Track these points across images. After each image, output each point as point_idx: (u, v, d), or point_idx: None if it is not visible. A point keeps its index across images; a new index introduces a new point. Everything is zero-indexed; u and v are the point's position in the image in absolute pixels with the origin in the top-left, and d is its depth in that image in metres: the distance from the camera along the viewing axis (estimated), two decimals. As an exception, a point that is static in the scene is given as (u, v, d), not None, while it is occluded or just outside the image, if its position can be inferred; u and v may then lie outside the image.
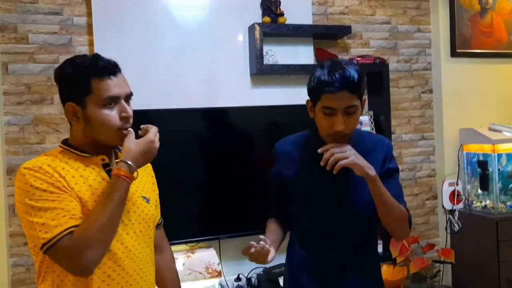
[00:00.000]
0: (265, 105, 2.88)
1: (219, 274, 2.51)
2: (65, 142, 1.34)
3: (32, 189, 1.18)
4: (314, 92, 1.48)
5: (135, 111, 2.61)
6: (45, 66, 2.62)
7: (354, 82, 1.43)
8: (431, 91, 3.45)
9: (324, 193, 1.57)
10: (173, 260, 1.63)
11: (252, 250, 1.38)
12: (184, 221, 2.74)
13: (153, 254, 1.42)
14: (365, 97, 1.52)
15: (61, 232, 1.15)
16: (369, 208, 1.53)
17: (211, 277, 2.49)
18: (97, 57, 1.28)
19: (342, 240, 1.59)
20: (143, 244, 1.35)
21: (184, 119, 2.72)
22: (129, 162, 1.24)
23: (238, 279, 2.82)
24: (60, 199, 1.18)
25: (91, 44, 2.66)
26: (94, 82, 1.24)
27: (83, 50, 2.67)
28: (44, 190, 1.18)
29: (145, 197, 1.40)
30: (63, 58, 2.58)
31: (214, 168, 2.77)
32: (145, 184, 1.44)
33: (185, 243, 2.72)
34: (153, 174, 1.54)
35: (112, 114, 1.26)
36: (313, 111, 1.53)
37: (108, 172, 1.30)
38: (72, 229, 1.16)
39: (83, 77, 1.24)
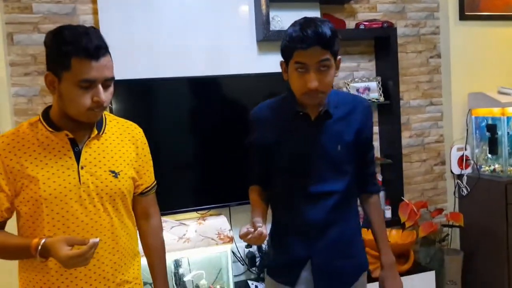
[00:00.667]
0: (272, 72, 2.86)
1: (231, 240, 2.54)
2: (46, 110, 1.38)
3: None
4: (287, 50, 1.47)
5: (140, 80, 2.62)
6: (50, 36, 2.59)
7: (326, 37, 1.41)
8: (439, 56, 3.41)
9: (308, 150, 1.59)
10: (160, 227, 1.63)
11: (250, 236, 1.38)
12: (194, 189, 2.76)
13: (122, 224, 1.44)
14: (340, 57, 1.52)
15: None
16: (348, 159, 1.61)
17: (223, 243, 2.51)
18: (85, 34, 1.25)
19: (325, 196, 1.60)
20: (104, 216, 1.38)
21: (190, 88, 2.71)
22: (39, 248, 1.24)
23: (248, 245, 2.85)
24: None
25: (95, 12, 2.63)
26: (74, 61, 1.22)
27: (87, 19, 2.64)
28: None
29: (113, 171, 1.40)
30: (68, 28, 2.61)
31: (222, 136, 2.76)
32: (121, 157, 1.44)
33: (196, 210, 2.75)
34: (139, 138, 1.53)
35: (84, 96, 1.26)
36: (287, 72, 1.52)
37: (72, 145, 1.35)
38: None
39: (64, 53, 1.22)
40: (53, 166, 1.32)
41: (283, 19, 2.89)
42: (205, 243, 2.49)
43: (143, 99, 2.65)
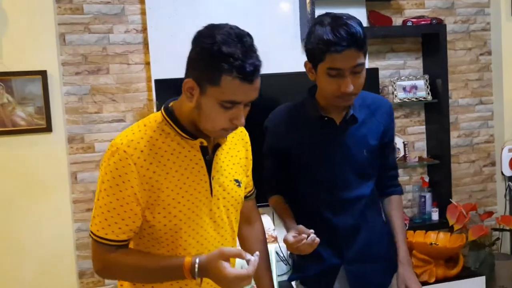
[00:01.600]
0: (317, 70, 2.83)
1: (275, 239, 2.53)
2: (169, 111, 1.19)
3: (109, 176, 1.12)
4: (317, 53, 1.37)
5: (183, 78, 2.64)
6: (99, 36, 2.66)
7: (360, 38, 1.33)
8: (490, 53, 3.28)
9: (333, 157, 1.52)
10: (262, 232, 1.53)
11: (303, 242, 1.35)
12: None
13: (232, 232, 1.32)
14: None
15: (102, 238, 1.14)
16: (373, 163, 1.57)
17: (268, 242, 2.50)
18: (244, 50, 1.07)
19: (352, 202, 1.55)
20: (228, 230, 1.28)
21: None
22: (196, 270, 1.10)
23: (292, 245, 2.83)
24: (123, 202, 1.12)
25: (143, 13, 2.67)
26: (225, 79, 1.06)
27: (136, 19, 2.69)
28: (117, 185, 1.11)
29: (237, 180, 1.29)
30: (116, 28, 2.67)
31: (264, 135, 2.75)
32: (239, 162, 1.32)
33: (240, 209, 2.75)
34: (247, 140, 1.41)
35: (223, 115, 1.11)
36: (314, 73, 1.43)
37: (204, 153, 1.20)
38: (112, 243, 1.14)
39: (216, 67, 1.06)
40: (188, 177, 1.17)
41: (329, 17, 2.85)
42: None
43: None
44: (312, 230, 1.37)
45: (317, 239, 1.36)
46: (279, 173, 1.66)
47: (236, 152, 1.33)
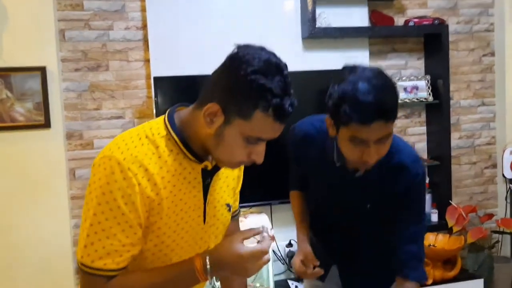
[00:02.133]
0: (317, 69, 2.81)
1: (272, 238, 2.52)
2: (174, 123, 1.04)
3: (108, 196, 0.96)
4: (341, 115, 1.20)
5: (186, 77, 2.63)
6: (100, 33, 2.66)
7: (391, 109, 1.18)
8: (493, 54, 3.25)
9: (337, 200, 1.50)
10: None
11: (308, 273, 1.38)
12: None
13: None
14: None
15: (99, 269, 0.97)
16: (380, 217, 1.44)
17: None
18: (287, 86, 0.96)
19: (355, 232, 1.54)
20: None
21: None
22: (209, 267, 0.99)
23: (289, 244, 2.83)
24: (125, 226, 0.97)
25: (143, 10, 2.67)
26: (259, 114, 0.95)
27: (136, 16, 2.69)
28: (119, 207, 0.96)
29: (228, 205, 1.20)
30: (116, 25, 2.67)
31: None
32: (230, 184, 1.21)
33: (238, 208, 2.75)
34: (241, 175, 1.30)
35: (245, 150, 1.00)
36: (335, 131, 1.27)
37: (204, 177, 1.08)
38: (111, 273, 0.98)
39: (252, 100, 0.94)
40: (186, 202, 1.05)
41: (330, 16, 2.84)
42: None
43: (189, 96, 2.66)
44: (317, 262, 1.44)
45: (321, 272, 1.41)
46: (297, 172, 1.67)
47: (231, 172, 1.20)
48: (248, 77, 0.93)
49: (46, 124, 2.51)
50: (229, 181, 1.20)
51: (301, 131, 1.51)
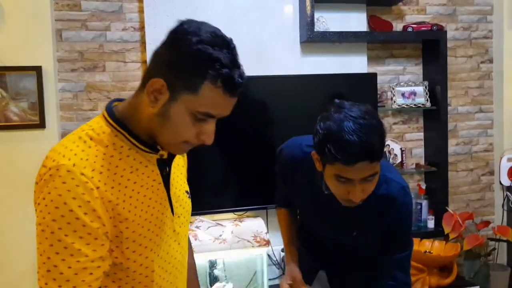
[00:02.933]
0: (315, 73, 2.80)
1: (267, 243, 2.50)
2: (116, 117, 0.96)
3: (63, 210, 0.85)
4: (325, 154, 1.19)
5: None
6: (96, 34, 2.64)
7: (376, 151, 1.16)
8: (491, 61, 3.25)
9: (324, 226, 1.51)
10: (191, 246, 1.35)
11: None
12: (232, 190, 2.74)
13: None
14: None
15: None
16: (368, 244, 1.47)
17: (259, 245, 2.48)
18: (236, 58, 0.92)
19: (344, 247, 1.56)
20: (186, 248, 1.14)
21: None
22: None
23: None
24: (90, 239, 0.87)
25: (141, 11, 2.66)
26: (207, 87, 0.88)
27: (133, 17, 2.67)
28: (77, 218, 0.85)
29: (187, 191, 1.15)
30: (114, 26, 2.65)
31: (263, 138, 2.73)
32: (183, 172, 1.17)
33: (233, 211, 2.73)
34: (186, 161, 1.23)
35: (192, 128, 0.93)
36: (321, 166, 1.26)
37: (160, 168, 1.01)
38: None
39: (198, 71, 0.88)
40: (151, 197, 0.98)
41: (328, 21, 2.83)
42: (241, 245, 2.46)
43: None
44: (306, 286, 1.48)
45: None
46: (284, 191, 1.64)
47: (179, 161, 1.14)
48: (194, 47, 0.87)
49: (41, 124, 2.49)
50: (181, 169, 1.14)
51: (289, 155, 1.49)
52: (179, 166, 1.14)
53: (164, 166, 1.03)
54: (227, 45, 0.90)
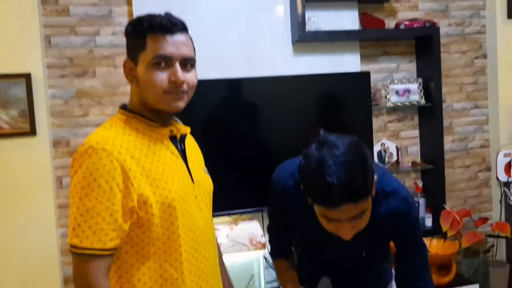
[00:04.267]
0: (308, 73, 2.78)
1: (263, 246, 2.48)
2: (124, 107, 1.20)
3: (89, 179, 1.04)
4: (309, 191, 1.15)
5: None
6: (86, 39, 2.62)
7: (360, 190, 1.10)
8: (485, 56, 3.23)
9: (322, 242, 1.44)
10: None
11: None
12: (227, 193, 2.71)
13: (212, 221, 1.32)
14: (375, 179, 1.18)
15: (86, 248, 1.04)
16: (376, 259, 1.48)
17: (255, 249, 2.46)
18: (162, 15, 1.15)
19: (351, 264, 1.54)
20: (211, 218, 1.28)
21: (225, 89, 2.66)
22: None
23: (282, 251, 2.79)
24: (108, 204, 1.04)
25: (130, 15, 2.63)
26: (149, 38, 1.11)
27: (123, 21, 2.65)
28: (99, 186, 1.04)
29: (205, 169, 1.33)
30: (104, 30, 2.63)
31: (256, 139, 2.71)
32: (198, 154, 1.35)
33: (228, 214, 2.70)
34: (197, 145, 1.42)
35: (159, 75, 1.11)
36: (310, 201, 1.20)
37: (175, 144, 1.20)
38: (98, 252, 1.04)
39: (139, 33, 1.12)
40: (171, 166, 1.16)
41: (320, 20, 2.81)
42: (237, 248, 2.44)
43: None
44: None
45: None
46: (282, 235, 1.55)
47: (195, 145, 1.35)
48: (133, 23, 1.15)
49: (32, 132, 2.46)
50: (196, 152, 1.33)
51: (282, 187, 1.40)
52: (194, 148, 1.32)
53: (178, 144, 1.21)
54: (155, 14, 1.15)
